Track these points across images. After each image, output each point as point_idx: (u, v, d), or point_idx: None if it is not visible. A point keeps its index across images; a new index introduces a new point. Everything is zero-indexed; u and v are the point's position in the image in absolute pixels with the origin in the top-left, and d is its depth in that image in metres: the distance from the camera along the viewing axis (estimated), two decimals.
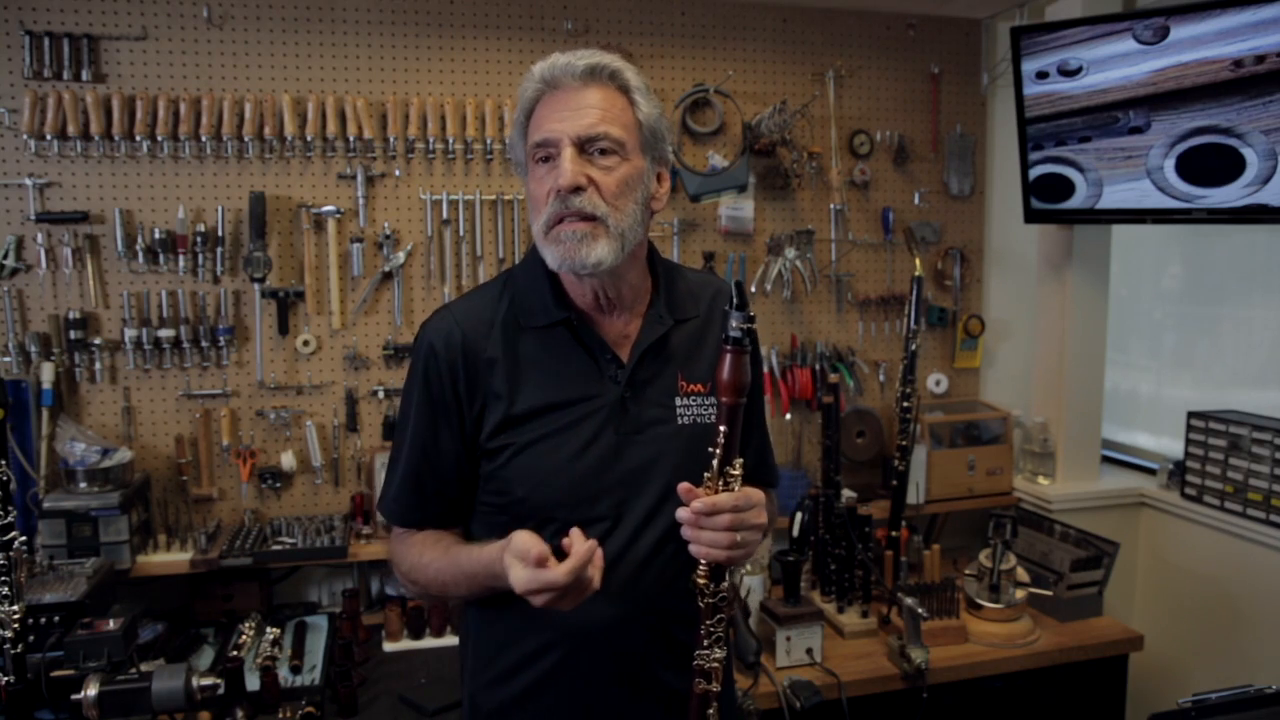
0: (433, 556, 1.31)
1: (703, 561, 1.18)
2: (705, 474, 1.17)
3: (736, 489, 1.16)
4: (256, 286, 2.52)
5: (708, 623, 1.20)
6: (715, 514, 1.14)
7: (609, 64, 1.27)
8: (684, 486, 1.16)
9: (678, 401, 1.33)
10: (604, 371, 1.32)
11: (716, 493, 1.16)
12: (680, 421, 1.33)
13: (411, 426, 1.35)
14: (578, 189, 1.22)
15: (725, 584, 1.21)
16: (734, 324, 1.13)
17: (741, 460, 1.17)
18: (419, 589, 1.36)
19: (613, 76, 1.27)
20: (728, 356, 1.13)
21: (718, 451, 1.16)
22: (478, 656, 1.40)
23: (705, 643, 1.21)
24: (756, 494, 1.19)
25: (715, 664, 1.21)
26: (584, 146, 1.23)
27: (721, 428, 1.15)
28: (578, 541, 1.14)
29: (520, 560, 1.13)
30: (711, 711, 1.23)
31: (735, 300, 1.13)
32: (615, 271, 1.28)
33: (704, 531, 1.15)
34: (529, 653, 1.33)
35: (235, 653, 2.22)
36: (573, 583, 1.12)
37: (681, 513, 1.16)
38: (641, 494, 1.30)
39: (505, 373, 1.31)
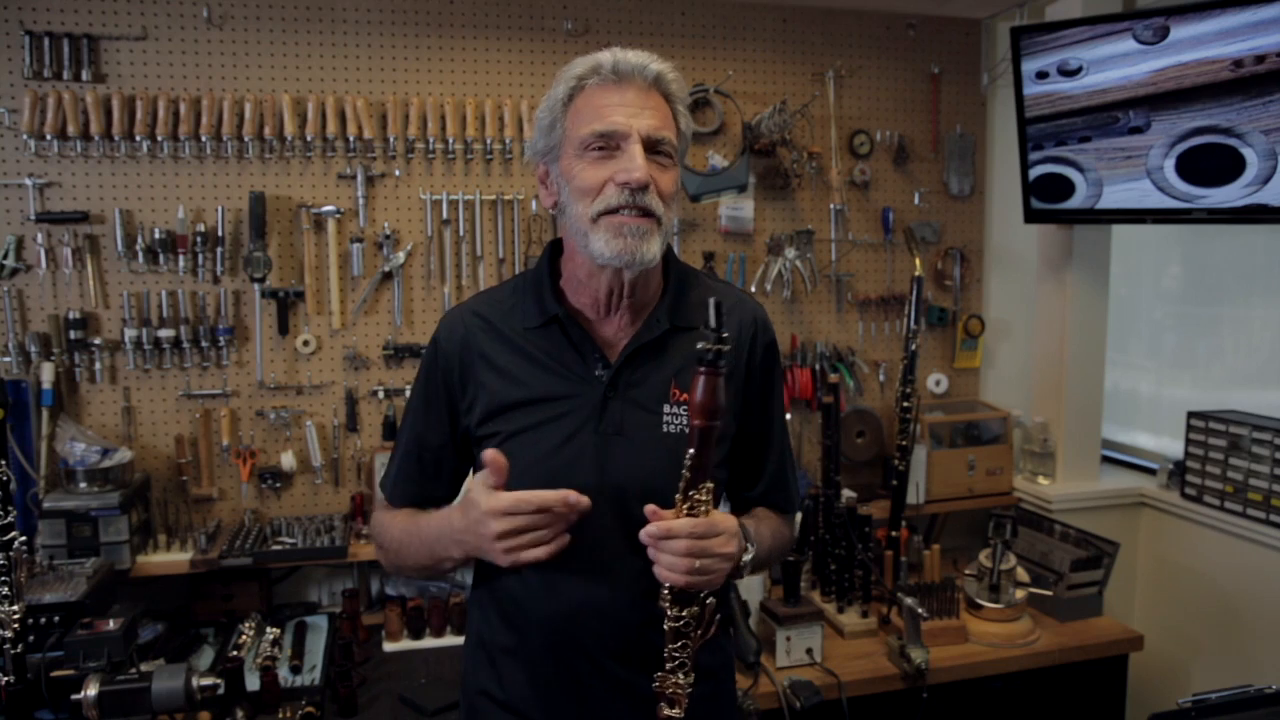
0: (402, 522, 1.39)
1: (665, 585, 1.18)
2: (675, 495, 1.17)
3: (702, 513, 1.16)
4: (256, 286, 2.52)
5: (671, 647, 1.20)
6: (672, 538, 1.14)
7: (669, 73, 1.29)
8: (650, 508, 1.17)
9: (665, 409, 1.32)
10: (590, 370, 1.32)
11: (680, 516, 1.16)
12: (666, 429, 1.31)
13: (411, 412, 1.43)
14: (645, 186, 1.23)
15: (692, 608, 1.19)
16: (701, 344, 1.10)
17: (711, 485, 1.16)
18: (384, 555, 1.43)
19: (666, 85, 1.29)
20: (700, 378, 1.11)
21: (685, 474, 1.15)
22: (468, 645, 1.47)
23: (669, 666, 1.20)
24: (726, 522, 1.19)
25: (677, 690, 1.20)
26: (649, 146, 1.25)
27: (690, 450, 1.14)
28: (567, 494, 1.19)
29: (487, 486, 1.20)
30: None
31: (713, 320, 1.09)
32: (645, 272, 1.30)
33: (662, 555, 1.16)
34: (509, 643, 1.36)
35: (235, 653, 2.22)
36: (543, 518, 1.16)
37: (642, 533, 1.17)
38: (617, 495, 1.30)
39: (496, 366, 1.34)
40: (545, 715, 1.35)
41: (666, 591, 1.18)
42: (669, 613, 1.18)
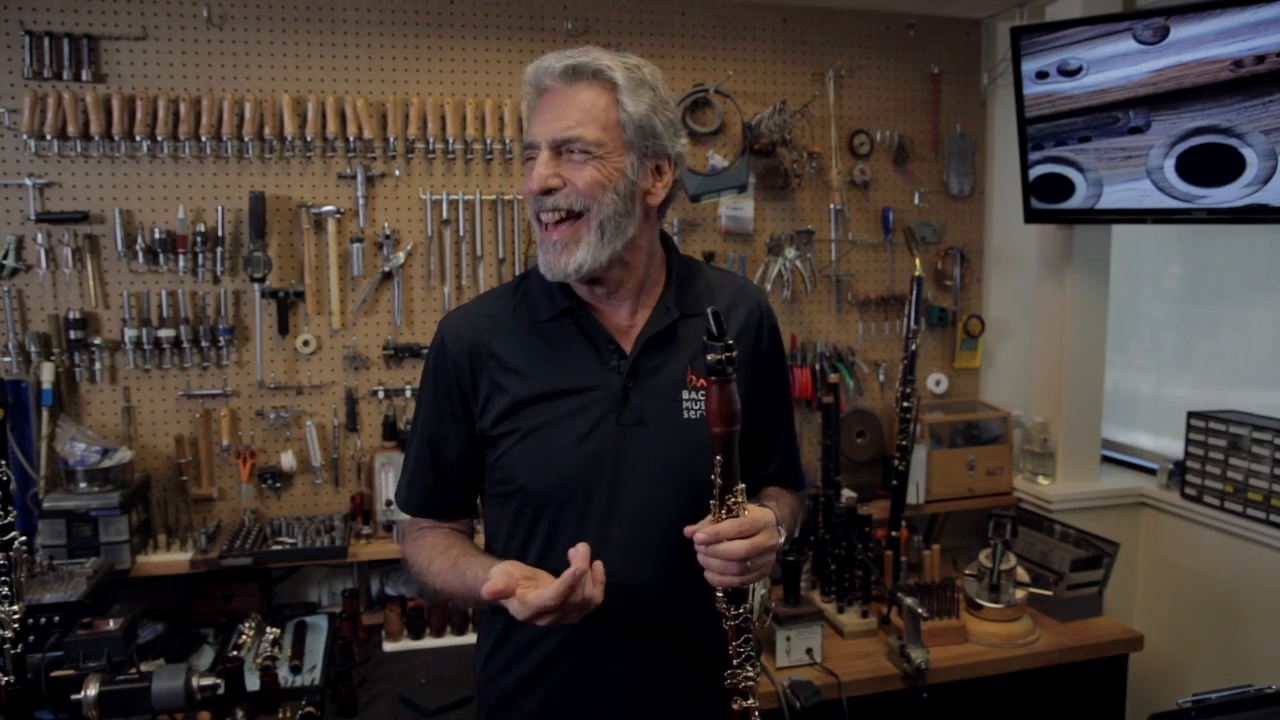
0: (440, 567, 1.34)
1: (719, 589, 1.19)
2: (711, 501, 1.17)
3: (741, 514, 1.16)
4: (256, 286, 2.52)
5: (735, 644, 1.22)
6: (719, 543, 1.15)
7: (590, 62, 1.27)
8: (689, 529, 1.17)
9: (684, 395, 1.33)
10: (606, 361, 1.32)
11: (720, 521, 1.16)
12: (686, 415, 1.32)
13: (421, 418, 1.40)
14: (548, 191, 1.26)
15: (747, 604, 1.21)
16: (710, 356, 1.10)
17: (743, 487, 1.17)
18: (414, 573, 1.40)
19: (596, 75, 1.27)
20: (714, 387, 1.12)
21: (717, 480, 1.15)
22: (484, 647, 1.44)
23: (735, 662, 1.22)
24: (764, 516, 1.19)
25: (749, 682, 1.23)
26: (558, 149, 1.26)
27: (717, 457, 1.14)
28: (575, 560, 1.16)
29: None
30: None
31: (713, 329, 1.10)
32: (605, 266, 1.29)
33: (713, 560, 1.16)
34: (529, 640, 1.34)
35: (235, 653, 2.22)
36: (563, 603, 1.13)
37: (689, 532, 1.17)
38: (643, 485, 1.30)
39: (509, 364, 1.33)
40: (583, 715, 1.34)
41: (722, 594, 1.19)
42: (728, 613, 1.20)
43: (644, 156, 1.30)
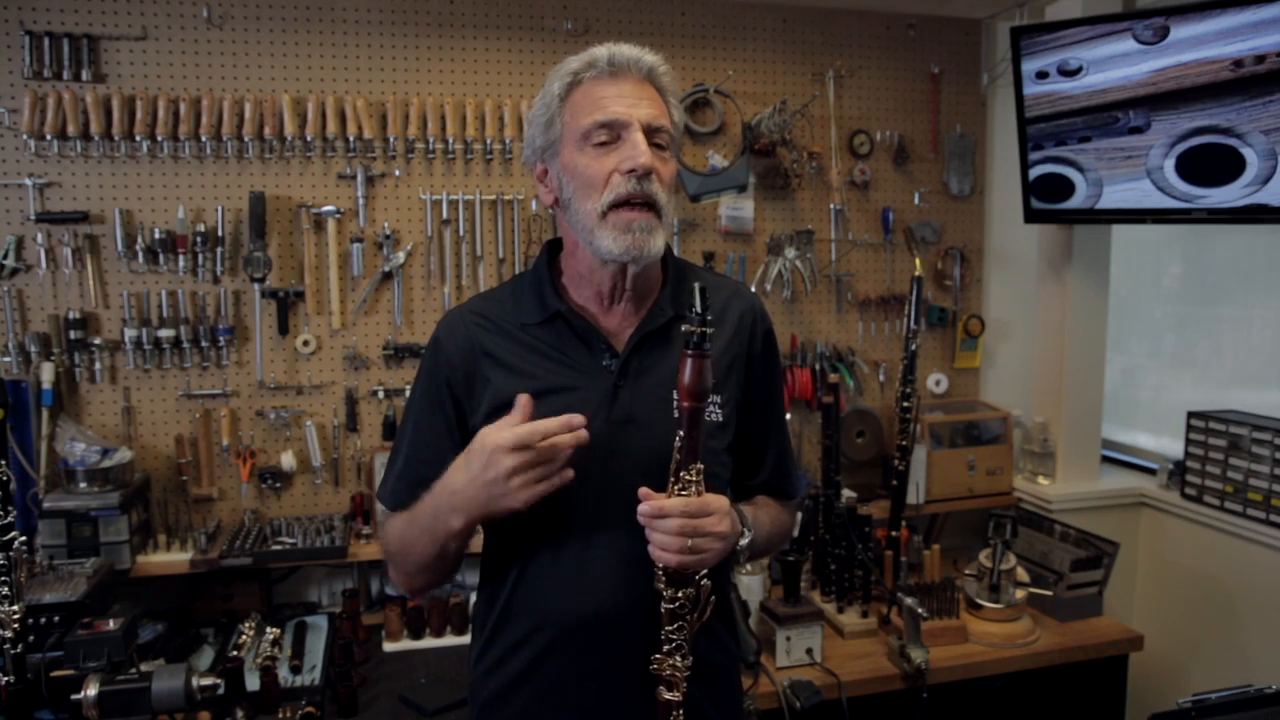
0: (402, 518, 1.33)
1: (659, 565, 1.18)
2: (670, 477, 1.17)
3: (694, 493, 1.16)
4: (256, 286, 2.52)
5: (667, 628, 1.20)
6: (663, 517, 1.15)
7: (661, 66, 1.30)
8: (643, 490, 1.18)
9: (675, 395, 1.33)
10: (598, 360, 1.32)
11: (671, 496, 1.16)
12: (676, 415, 1.31)
13: (413, 415, 1.38)
14: (650, 172, 1.24)
15: (687, 590, 1.19)
16: (685, 327, 1.12)
17: (701, 467, 1.17)
18: (393, 566, 1.37)
19: (659, 77, 1.31)
20: (688, 361, 1.13)
21: (676, 455, 1.16)
22: (476, 646, 1.43)
23: (665, 649, 1.21)
24: (717, 501, 1.19)
25: (675, 672, 1.21)
26: (647, 135, 1.26)
27: (679, 432, 1.15)
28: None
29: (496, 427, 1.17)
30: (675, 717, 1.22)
31: (697, 304, 1.11)
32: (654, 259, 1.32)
33: (655, 534, 1.16)
34: (517, 639, 1.34)
35: (235, 653, 2.22)
36: (546, 448, 1.14)
37: (639, 513, 1.17)
38: (632, 483, 1.28)
39: (501, 363, 1.33)
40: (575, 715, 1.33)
41: (660, 572, 1.18)
42: (664, 594, 1.19)
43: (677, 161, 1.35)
